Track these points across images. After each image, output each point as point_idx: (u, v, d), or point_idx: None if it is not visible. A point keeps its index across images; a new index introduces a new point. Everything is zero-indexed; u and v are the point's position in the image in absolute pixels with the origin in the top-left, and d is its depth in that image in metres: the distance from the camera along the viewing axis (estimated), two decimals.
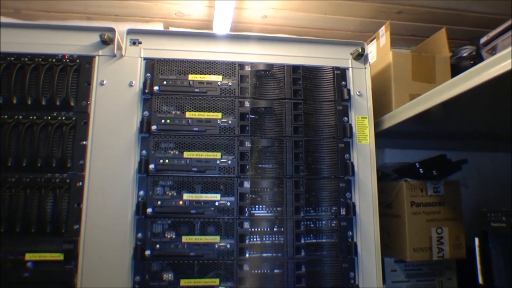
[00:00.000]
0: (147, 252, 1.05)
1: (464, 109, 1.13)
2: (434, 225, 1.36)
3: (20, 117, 1.09)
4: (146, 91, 1.15)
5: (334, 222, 1.15)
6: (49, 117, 1.10)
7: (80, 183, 1.08)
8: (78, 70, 1.14)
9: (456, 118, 1.27)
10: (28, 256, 1.03)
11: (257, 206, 1.13)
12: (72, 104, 1.12)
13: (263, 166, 1.15)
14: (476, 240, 0.93)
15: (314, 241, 1.14)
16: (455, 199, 1.41)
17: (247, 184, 1.12)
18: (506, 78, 0.78)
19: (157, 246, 1.06)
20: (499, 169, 1.93)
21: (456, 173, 1.49)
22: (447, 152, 1.54)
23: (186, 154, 1.12)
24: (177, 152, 1.12)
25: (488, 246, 0.90)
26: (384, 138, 1.56)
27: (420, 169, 1.41)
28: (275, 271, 1.10)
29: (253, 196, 1.13)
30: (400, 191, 1.38)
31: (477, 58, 1.43)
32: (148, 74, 1.16)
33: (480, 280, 0.92)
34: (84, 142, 1.10)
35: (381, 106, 1.39)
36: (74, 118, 1.11)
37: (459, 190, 1.44)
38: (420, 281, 1.41)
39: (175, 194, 1.10)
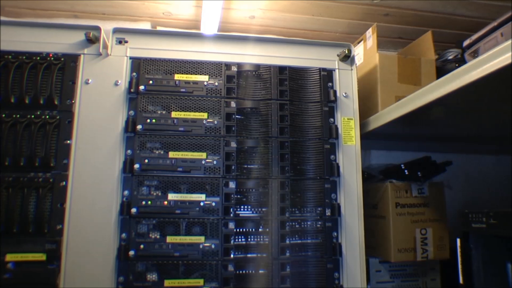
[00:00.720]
0: (131, 253, 1.05)
1: (448, 111, 1.15)
2: (418, 226, 1.38)
3: (3, 115, 1.08)
4: (132, 90, 1.14)
5: (319, 223, 1.16)
6: (33, 116, 1.09)
7: (64, 182, 1.06)
8: (63, 68, 1.13)
9: (441, 120, 1.28)
10: (9, 257, 1.01)
11: (242, 207, 1.13)
12: (56, 102, 1.11)
13: (248, 166, 1.15)
14: (458, 241, 0.95)
15: (299, 241, 1.14)
16: (439, 200, 1.43)
17: (232, 185, 1.12)
18: (488, 80, 0.79)
19: (141, 246, 1.06)
20: (484, 171, 1.95)
21: (441, 175, 1.51)
22: (433, 154, 1.55)
23: (172, 154, 1.12)
24: (162, 152, 1.12)
25: (469, 246, 0.91)
26: (371, 139, 1.57)
27: (406, 171, 1.42)
28: (260, 271, 1.10)
29: (238, 196, 1.13)
30: (385, 192, 1.39)
31: (462, 61, 1.44)
32: (134, 74, 1.16)
33: (461, 280, 0.93)
34: (68, 141, 1.09)
35: (367, 107, 1.40)
36: (58, 117, 1.10)
37: (443, 191, 1.45)
38: (405, 282, 1.43)
39: (160, 194, 1.10)
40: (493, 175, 1.94)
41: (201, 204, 1.10)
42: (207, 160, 1.12)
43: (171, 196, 1.09)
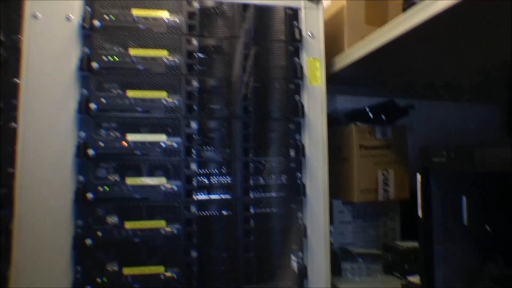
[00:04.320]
0: (90, 196, 1.01)
1: (413, 52, 1.14)
2: (380, 167, 1.40)
3: None
4: (86, 26, 1.06)
5: (283, 163, 1.15)
6: None
7: (13, 123, 1.00)
8: (7, 0, 1.04)
9: (406, 63, 1.27)
10: None
11: (205, 147, 1.10)
12: (1, 38, 1.02)
13: (211, 106, 1.12)
14: (418, 176, 0.96)
15: (262, 182, 1.13)
16: (401, 143, 1.45)
17: (194, 125, 1.09)
18: (455, 11, 0.77)
19: (100, 189, 1.02)
20: (445, 117, 1.99)
21: (404, 119, 1.53)
22: (398, 100, 1.56)
23: (130, 93, 1.06)
24: (120, 92, 1.06)
25: (429, 181, 0.93)
26: (336, 84, 1.56)
27: (370, 114, 1.43)
28: (224, 212, 1.09)
29: (200, 137, 1.10)
30: (350, 134, 1.40)
31: None
32: (88, 8, 1.07)
33: (420, 214, 0.96)
34: (17, 80, 1.02)
35: (334, 50, 1.37)
36: (4, 55, 1.02)
37: (406, 134, 1.48)
38: (366, 222, 1.47)
39: (119, 135, 1.05)
40: (454, 122, 1.98)
41: (162, 145, 1.06)
42: (167, 100, 1.08)
43: (130, 137, 1.05)
